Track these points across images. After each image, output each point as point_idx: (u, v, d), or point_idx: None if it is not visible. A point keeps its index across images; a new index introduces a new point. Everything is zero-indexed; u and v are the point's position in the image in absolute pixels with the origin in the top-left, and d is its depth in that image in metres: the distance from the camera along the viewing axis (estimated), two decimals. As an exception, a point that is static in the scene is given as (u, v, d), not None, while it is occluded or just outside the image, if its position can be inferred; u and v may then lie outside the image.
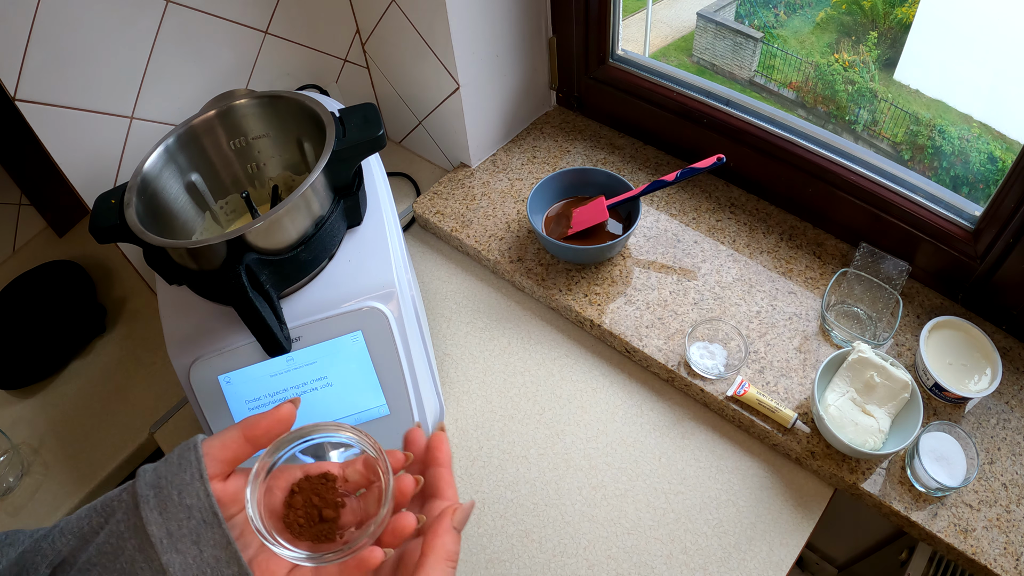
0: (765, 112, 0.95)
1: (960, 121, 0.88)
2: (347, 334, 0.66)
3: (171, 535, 0.36)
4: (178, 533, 0.36)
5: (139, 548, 0.35)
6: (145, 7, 0.78)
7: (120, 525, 0.36)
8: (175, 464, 0.38)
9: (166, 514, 0.36)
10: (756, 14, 1.04)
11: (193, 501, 0.36)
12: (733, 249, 0.95)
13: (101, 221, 0.61)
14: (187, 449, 0.38)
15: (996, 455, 0.75)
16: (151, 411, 0.92)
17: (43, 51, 0.71)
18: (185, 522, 0.36)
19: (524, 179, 1.08)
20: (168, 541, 0.35)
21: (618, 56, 1.07)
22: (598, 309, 0.90)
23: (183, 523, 0.36)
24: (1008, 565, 0.67)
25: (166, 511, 0.36)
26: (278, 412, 0.41)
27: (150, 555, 0.35)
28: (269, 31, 0.94)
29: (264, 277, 0.60)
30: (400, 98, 1.12)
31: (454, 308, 0.98)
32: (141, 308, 1.04)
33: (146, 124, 0.84)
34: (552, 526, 0.77)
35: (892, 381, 0.75)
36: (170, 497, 0.36)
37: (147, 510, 0.36)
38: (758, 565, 0.72)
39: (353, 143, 0.63)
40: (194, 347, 0.65)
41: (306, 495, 0.40)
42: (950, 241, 0.83)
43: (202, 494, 0.37)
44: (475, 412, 0.87)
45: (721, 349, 0.84)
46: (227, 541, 0.36)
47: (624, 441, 0.82)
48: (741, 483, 0.78)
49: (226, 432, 0.40)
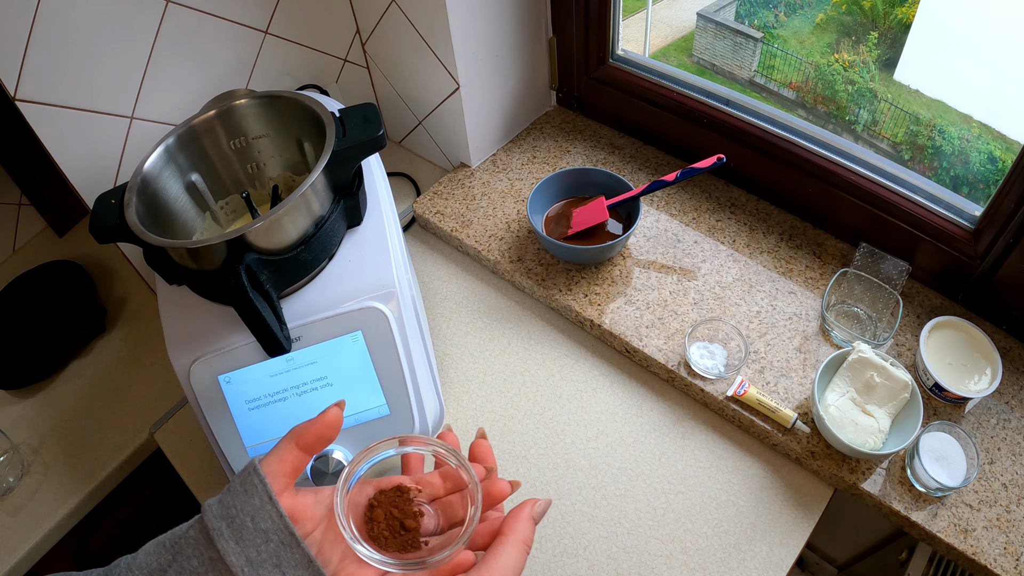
0: (765, 112, 0.95)
1: (960, 121, 0.88)
2: (347, 334, 0.66)
3: (251, 562, 0.35)
4: (258, 559, 0.35)
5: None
6: (145, 7, 0.78)
7: (193, 561, 0.36)
8: (240, 492, 0.37)
9: (243, 543, 0.36)
10: (756, 14, 1.04)
11: (268, 524, 0.36)
12: (733, 249, 0.95)
13: (101, 221, 0.61)
14: (248, 474, 0.38)
15: (996, 455, 0.75)
16: (151, 411, 0.92)
17: (43, 51, 0.71)
18: (264, 547, 0.36)
19: (524, 179, 1.08)
20: (250, 569, 0.35)
21: (618, 56, 1.07)
22: (598, 309, 0.90)
23: (261, 548, 0.36)
24: (1008, 565, 0.67)
25: (242, 539, 0.36)
26: (326, 417, 0.41)
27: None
28: (269, 31, 0.94)
29: (264, 277, 0.60)
30: (400, 98, 1.12)
31: (454, 308, 0.98)
32: (141, 308, 1.04)
33: (146, 124, 0.84)
34: (552, 526, 0.77)
35: (892, 381, 0.75)
36: (244, 525, 0.36)
37: (222, 541, 0.35)
38: (758, 565, 0.72)
39: (353, 143, 0.63)
40: (194, 347, 0.64)
41: (385, 508, 0.40)
42: (950, 241, 0.83)
43: (275, 516, 0.36)
44: (475, 412, 0.87)
45: (721, 349, 0.84)
46: (308, 560, 0.36)
47: (624, 441, 0.82)
48: (741, 483, 0.78)
49: (278, 447, 0.40)
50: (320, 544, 0.39)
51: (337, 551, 0.39)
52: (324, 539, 0.39)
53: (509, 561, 0.37)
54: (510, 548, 0.38)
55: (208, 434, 0.68)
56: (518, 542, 0.38)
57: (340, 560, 0.39)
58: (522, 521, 0.39)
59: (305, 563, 0.36)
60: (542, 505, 0.41)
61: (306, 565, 0.36)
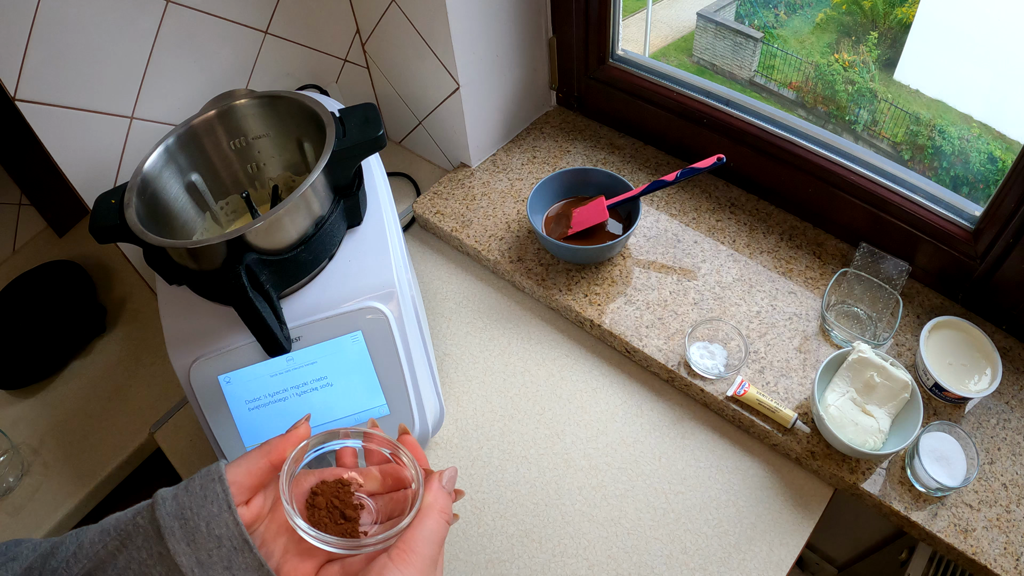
0: (765, 112, 0.95)
1: (960, 121, 0.88)
2: (347, 334, 0.66)
3: (201, 564, 0.36)
4: (208, 562, 0.36)
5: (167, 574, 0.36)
6: (145, 7, 0.78)
7: (142, 552, 0.37)
8: (199, 496, 0.38)
9: (195, 545, 0.37)
10: (756, 14, 1.04)
11: (223, 531, 0.37)
12: (733, 249, 0.95)
13: (101, 221, 0.61)
14: (211, 480, 0.39)
15: (996, 455, 0.75)
16: (151, 411, 0.92)
17: (43, 51, 0.71)
18: (216, 551, 0.37)
19: (524, 179, 1.08)
20: (199, 569, 0.36)
21: (618, 56, 1.07)
22: (598, 309, 0.90)
23: (213, 552, 0.37)
24: (1008, 565, 0.67)
25: (194, 542, 0.37)
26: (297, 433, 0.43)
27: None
28: (269, 31, 0.94)
29: (264, 277, 0.60)
30: (400, 98, 1.12)
31: (454, 308, 0.98)
32: (141, 308, 1.04)
33: (146, 124, 0.84)
34: (552, 526, 0.77)
35: (892, 381, 0.75)
36: (198, 528, 0.37)
37: (173, 542, 0.36)
38: (758, 565, 0.72)
39: (353, 143, 0.63)
40: (194, 347, 0.64)
41: (327, 497, 0.42)
42: (950, 241, 0.83)
43: (231, 524, 0.37)
44: (475, 412, 0.87)
45: (721, 349, 0.84)
46: (259, 563, 0.37)
47: (624, 441, 0.82)
48: (741, 483, 0.78)
49: (251, 459, 0.41)
50: (263, 536, 0.41)
51: (279, 544, 0.41)
52: (267, 532, 0.41)
53: (427, 530, 0.39)
54: (428, 519, 0.40)
55: (208, 434, 0.68)
56: (434, 511, 0.40)
57: (282, 553, 0.40)
58: (433, 491, 0.41)
59: (256, 566, 0.37)
60: (449, 472, 0.43)
61: (256, 568, 0.37)
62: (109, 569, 0.36)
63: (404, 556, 0.38)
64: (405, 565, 0.37)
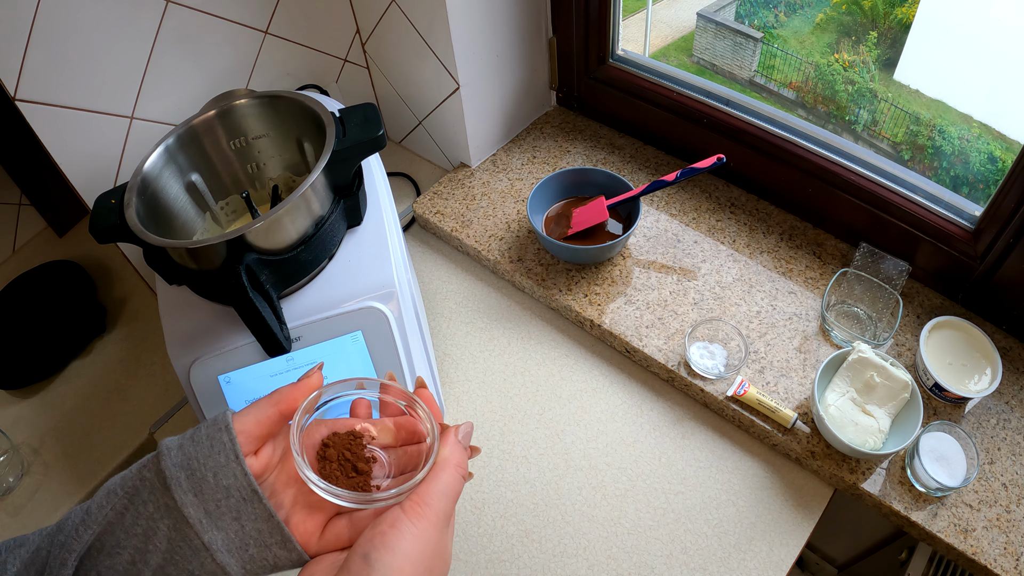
0: (765, 112, 0.95)
1: (960, 121, 0.88)
2: (347, 334, 0.66)
3: (210, 515, 0.36)
4: (216, 512, 0.36)
5: (174, 528, 0.35)
6: (145, 7, 0.78)
7: (148, 506, 0.36)
8: (206, 445, 0.37)
9: (202, 496, 0.36)
10: (756, 14, 1.04)
11: (231, 482, 0.36)
12: (733, 249, 0.95)
13: (101, 221, 0.61)
14: (217, 430, 0.38)
15: (996, 455, 0.75)
16: (151, 411, 0.92)
17: (43, 51, 0.71)
18: (224, 501, 0.36)
19: (524, 179, 1.08)
20: (208, 520, 0.35)
21: (618, 56, 1.07)
22: (598, 309, 0.90)
23: (221, 503, 0.36)
24: (1008, 565, 0.67)
25: (202, 493, 0.36)
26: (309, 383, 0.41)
27: (188, 534, 0.35)
28: (269, 31, 0.94)
29: (264, 277, 0.60)
30: (400, 98, 1.12)
31: (454, 308, 0.98)
32: (141, 308, 1.04)
33: (146, 124, 0.84)
34: (552, 526, 0.77)
35: (892, 381, 0.75)
36: (205, 479, 0.36)
37: (180, 492, 0.36)
38: (758, 565, 0.72)
39: (353, 143, 0.63)
40: (194, 347, 0.64)
41: (338, 449, 0.41)
42: (950, 241, 0.83)
43: (239, 474, 0.36)
44: (475, 412, 0.87)
45: (721, 349, 0.84)
46: (269, 514, 0.36)
47: (624, 441, 0.82)
48: (741, 483, 0.78)
49: (259, 408, 0.40)
50: (273, 486, 0.40)
51: (288, 494, 0.40)
52: (276, 482, 0.40)
53: (442, 484, 0.38)
54: (443, 473, 0.39)
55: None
56: (449, 465, 0.39)
57: (291, 504, 0.40)
58: (450, 445, 0.40)
59: (266, 516, 0.36)
60: (466, 427, 0.42)
61: (266, 519, 0.36)
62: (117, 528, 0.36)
63: (418, 509, 0.36)
64: (418, 518, 0.36)
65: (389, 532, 0.35)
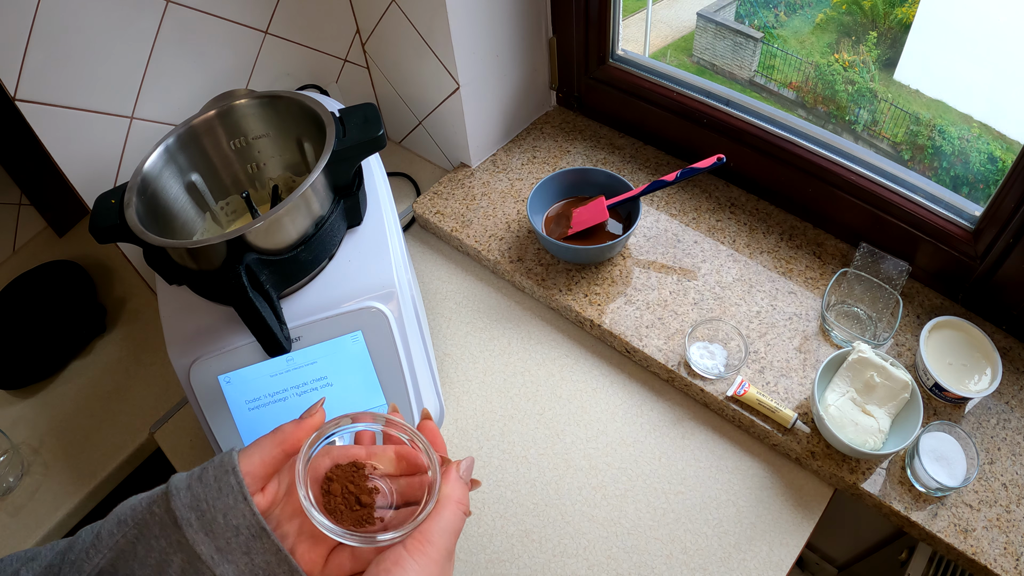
0: (765, 112, 0.95)
1: (960, 121, 0.88)
2: (347, 334, 0.66)
3: (220, 551, 0.37)
4: (227, 548, 0.37)
5: (188, 561, 0.37)
6: (145, 7, 0.78)
7: (161, 542, 0.37)
8: (214, 488, 0.38)
9: (213, 535, 0.37)
10: (756, 14, 1.04)
11: (240, 521, 0.37)
12: (733, 249, 0.95)
13: (101, 221, 0.61)
14: (224, 472, 0.39)
15: (996, 455, 0.75)
16: (151, 411, 0.92)
17: (43, 51, 0.71)
18: (234, 539, 0.37)
19: (524, 179, 1.08)
20: (219, 556, 0.37)
21: (618, 56, 1.07)
22: (598, 309, 0.90)
23: (231, 540, 0.37)
24: (1008, 565, 0.67)
25: (212, 532, 0.37)
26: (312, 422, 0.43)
27: (200, 568, 0.37)
28: (269, 31, 0.94)
29: (264, 277, 0.60)
30: (400, 98, 1.12)
31: (454, 308, 0.98)
32: (141, 308, 1.04)
33: (146, 124, 0.84)
34: (552, 526, 0.77)
35: (892, 381, 0.75)
36: (215, 520, 0.37)
37: (191, 532, 0.37)
38: (758, 565, 0.72)
39: (353, 143, 0.63)
40: (194, 347, 0.64)
41: (342, 482, 0.42)
42: (950, 241, 0.83)
43: (248, 514, 0.38)
44: (475, 412, 0.87)
45: (721, 349, 0.84)
46: (277, 548, 0.37)
47: (624, 441, 0.82)
48: (741, 483, 0.78)
49: (264, 448, 0.41)
50: (278, 519, 0.41)
51: (293, 525, 0.41)
52: (281, 514, 0.41)
53: (444, 521, 0.39)
54: (445, 511, 0.39)
55: (208, 434, 0.68)
56: (451, 502, 0.40)
57: (296, 535, 0.41)
58: (451, 482, 0.41)
59: (274, 550, 0.37)
60: (467, 462, 0.43)
61: (275, 552, 0.37)
62: (130, 558, 0.37)
63: (420, 547, 0.37)
64: (421, 555, 0.37)
65: (393, 570, 0.36)
